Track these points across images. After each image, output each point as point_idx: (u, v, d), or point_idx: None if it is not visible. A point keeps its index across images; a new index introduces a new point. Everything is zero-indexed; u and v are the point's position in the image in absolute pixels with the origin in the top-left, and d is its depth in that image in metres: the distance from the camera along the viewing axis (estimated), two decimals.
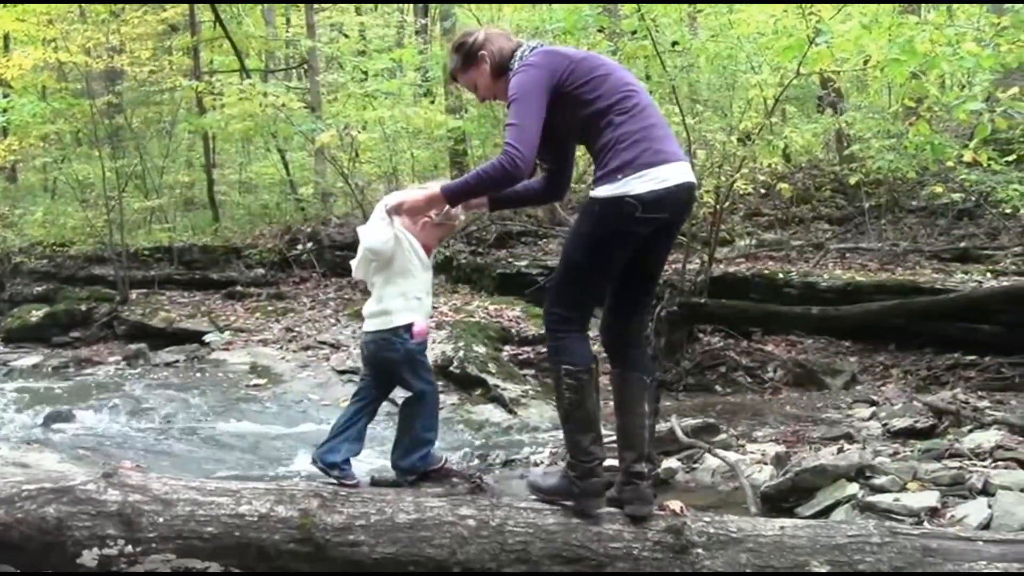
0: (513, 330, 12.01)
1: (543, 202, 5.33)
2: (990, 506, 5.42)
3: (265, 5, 23.58)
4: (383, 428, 9.19)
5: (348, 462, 4.58)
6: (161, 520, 4.14)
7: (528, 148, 4.17)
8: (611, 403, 4.52)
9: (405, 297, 4.53)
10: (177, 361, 12.38)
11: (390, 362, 4.65)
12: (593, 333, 4.49)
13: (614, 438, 4.52)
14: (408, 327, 4.52)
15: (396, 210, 4.44)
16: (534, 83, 4.29)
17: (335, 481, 4.48)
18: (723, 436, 7.75)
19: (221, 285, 16.43)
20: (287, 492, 4.30)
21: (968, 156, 9.79)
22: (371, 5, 27.32)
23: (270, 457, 8.53)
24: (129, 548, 4.08)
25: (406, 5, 25.01)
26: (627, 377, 4.52)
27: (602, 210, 4.26)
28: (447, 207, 4.51)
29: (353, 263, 4.69)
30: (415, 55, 19.40)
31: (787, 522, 4.48)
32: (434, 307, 12.51)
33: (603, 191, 4.24)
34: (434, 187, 4.44)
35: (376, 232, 4.45)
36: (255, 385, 10.88)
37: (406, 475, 4.62)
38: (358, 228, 4.64)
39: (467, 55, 4.62)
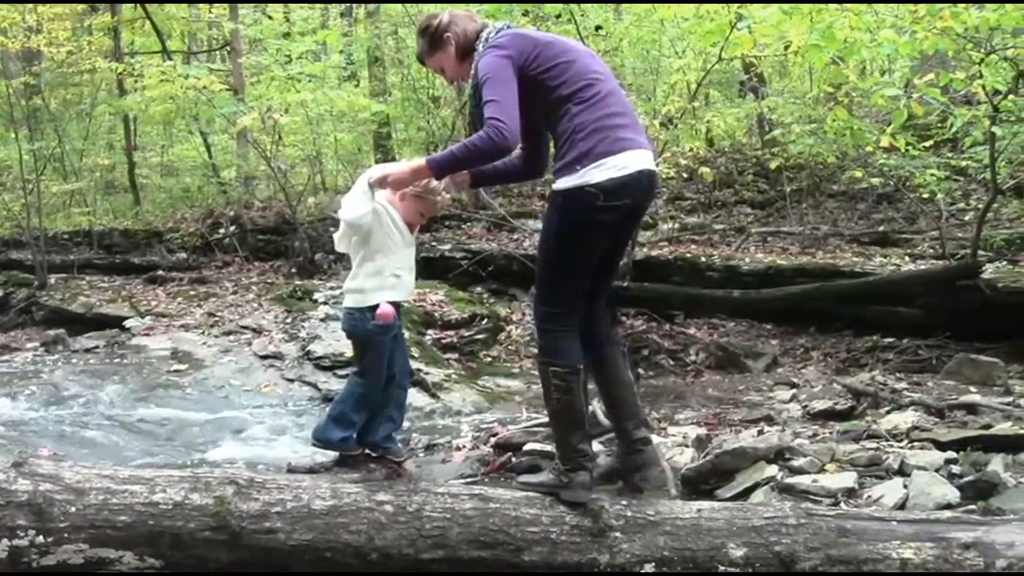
0: (436, 314, 11.96)
1: (523, 179, 5.34)
2: (906, 486, 5.49)
3: None
4: (303, 417, 9.18)
5: (391, 438, 4.59)
6: (73, 510, 4.08)
7: (511, 119, 4.17)
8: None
9: (381, 275, 4.51)
10: (97, 347, 12.17)
11: (350, 336, 4.66)
12: None
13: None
14: (374, 308, 4.49)
15: (380, 183, 4.40)
16: (502, 63, 4.29)
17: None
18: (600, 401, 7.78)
19: (142, 269, 16.19)
20: (202, 480, 4.25)
21: (885, 141, 9.91)
22: None
23: (191, 444, 8.43)
24: (40, 539, 4.01)
25: None
26: (604, 354, 4.59)
27: (565, 202, 4.29)
28: (431, 180, 4.49)
29: (336, 235, 4.65)
30: (339, 37, 19.26)
31: (704, 505, 4.52)
32: None
33: (564, 183, 4.27)
34: (419, 159, 4.42)
35: (355, 205, 4.41)
36: (176, 371, 10.72)
37: (321, 446, 4.59)
38: (340, 199, 4.60)
39: (432, 38, 4.63)
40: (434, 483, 4.50)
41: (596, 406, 7.50)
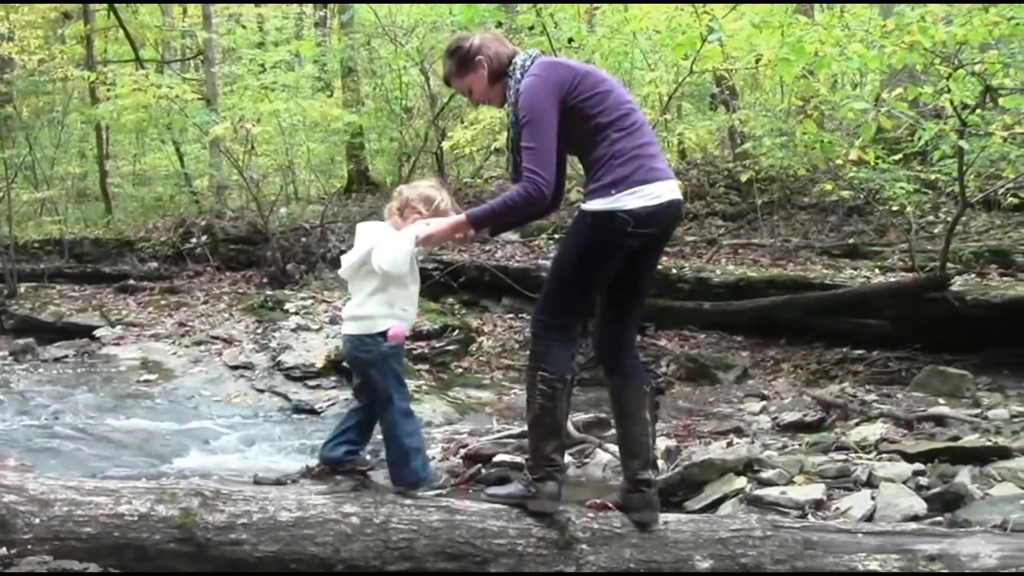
0: None
1: (539, 216, 5.33)
2: (873, 498, 5.54)
3: None
4: (274, 428, 9.15)
5: (354, 452, 4.59)
6: (38, 521, 4.05)
7: (548, 171, 4.24)
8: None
9: (391, 305, 4.50)
10: (66, 356, 12.08)
11: (362, 362, 4.62)
12: None
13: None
14: (385, 332, 4.48)
15: (425, 242, 4.44)
16: (544, 101, 4.35)
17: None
18: (614, 431, 7.79)
19: (113, 279, 16.05)
20: (168, 491, 4.23)
21: (855, 154, 9.97)
22: None
23: (160, 454, 8.38)
24: (3, 551, 3.98)
25: None
26: (626, 387, 4.60)
27: (594, 223, 4.33)
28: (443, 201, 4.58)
29: (345, 260, 4.60)
30: (313, 47, 19.26)
31: (671, 517, 4.52)
32: (327, 302, 12.44)
33: (596, 205, 4.31)
34: (456, 213, 4.51)
35: (398, 260, 4.39)
36: (146, 381, 10.67)
37: (413, 487, 4.53)
38: (360, 226, 4.60)
39: (463, 60, 4.63)
40: (401, 495, 4.49)
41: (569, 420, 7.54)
